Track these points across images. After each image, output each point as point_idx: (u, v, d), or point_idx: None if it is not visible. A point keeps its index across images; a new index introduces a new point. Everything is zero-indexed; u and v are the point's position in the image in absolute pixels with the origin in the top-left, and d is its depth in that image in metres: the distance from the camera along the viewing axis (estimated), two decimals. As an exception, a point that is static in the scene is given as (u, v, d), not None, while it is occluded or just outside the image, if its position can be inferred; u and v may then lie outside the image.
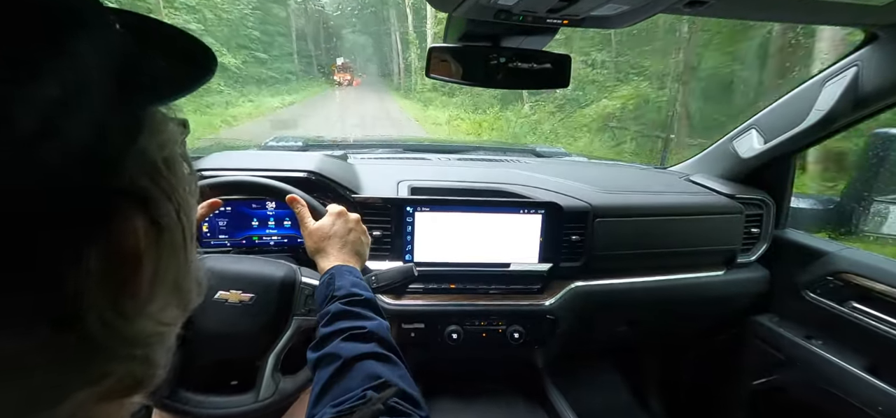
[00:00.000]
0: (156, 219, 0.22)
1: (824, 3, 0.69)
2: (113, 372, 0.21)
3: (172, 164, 0.23)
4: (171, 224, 0.23)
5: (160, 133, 0.23)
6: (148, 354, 0.23)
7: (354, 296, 0.63)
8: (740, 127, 1.24)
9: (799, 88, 1.09)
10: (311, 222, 0.77)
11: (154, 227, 0.22)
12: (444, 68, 0.82)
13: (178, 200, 0.24)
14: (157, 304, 0.23)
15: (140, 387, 0.23)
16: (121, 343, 0.21)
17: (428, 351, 1.05)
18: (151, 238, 0.22)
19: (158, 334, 0.24)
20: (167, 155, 0.23)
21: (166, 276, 0.23)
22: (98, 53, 0.18)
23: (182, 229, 0.24)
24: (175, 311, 0.25)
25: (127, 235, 0.20)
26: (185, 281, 0.26)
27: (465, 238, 1.01)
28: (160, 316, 0.23)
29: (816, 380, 1.07)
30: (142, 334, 0.22)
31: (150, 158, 0.22)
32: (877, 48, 0.91)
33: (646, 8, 0.66)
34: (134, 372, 0.22)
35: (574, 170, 1.39)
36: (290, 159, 1.07)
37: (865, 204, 1.16)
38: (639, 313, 1.23)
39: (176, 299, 0.25)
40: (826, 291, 1.08)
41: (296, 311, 0.80)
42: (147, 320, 0.22)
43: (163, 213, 0.22)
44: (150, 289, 0.22)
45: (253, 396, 0.77)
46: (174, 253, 0.24)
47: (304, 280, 0.81)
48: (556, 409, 1.03)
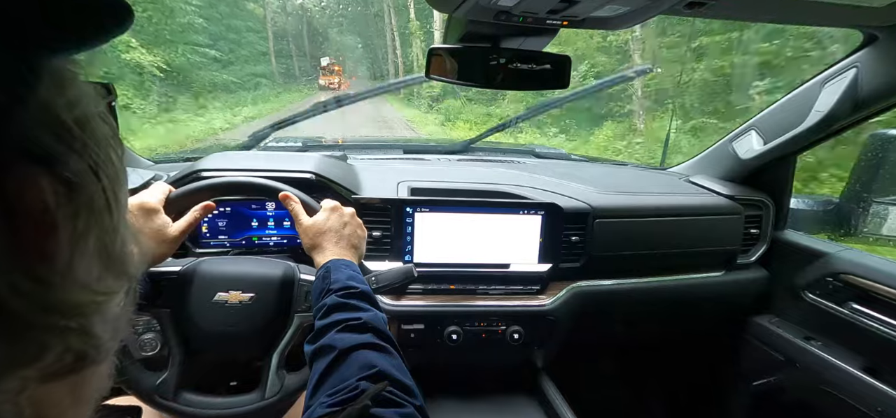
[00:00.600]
0: (65, 177, 0.20)
1: (823, 5, 0.69)
2: (48, 346, 0.20)
3: (87, 124, 0.22)
4: (87, 182, 0.22)
5: (67, 89, 0.21)
6: (84, 325, 0.22)
7: (350, 289, 0.63)
8: (740, 128, 1.25)
9: (798, 89, 1.09)
10: (306, 218, 0.77)
11: (65, 186, 0.20)
12: (443, 69, 0.82)
13: (93, 159, 0.22)
14: (84, 270, 0.22)
15: (84, 363, 0.22)
16: (47, 313, 0.20)
17: (428, 352, 1.05)
18: (63, 197, 0.20)
19: (93, 303, 0.22)
20: (79, 114, 0.21)
21: (88, 239, 0.22)
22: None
23: (103, 189, 0.23)
24: (111, 280, 0.23)
25: (31, 196, 0.19)
26: (115, 245, 0.24)
27: (464, 239, 1.01)
28: (93, 284, 0.22)
29: (815, 381, 1.07)
30: (71, 303, 0.21)
31: (54, 115, 0.20)
32: (876, 49, 0.91)
33: (646, 9, 0.66)
34: (72, 345, 0.21)
35: (574, 170, 1.39)
36: (290, 160, 1.06)
37: (865, 205, 1.16)
38: (638, 314, 1.23)
39: (108, 265, 0.23)
40: (825, 292, 1.08)
41: (296, 308, 0.80)
42: (76, 288, 0.21)
43: (74, 171, 0.21)
44: (70, 252, 0.21)
45: (259, 394, 0.77)
46: (95, 214, 0.22)
47: (303, 276, 0.81)
48: (556, 410, 1.03)
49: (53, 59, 0.21)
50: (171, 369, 0.76)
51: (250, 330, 0.78)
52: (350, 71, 33.58)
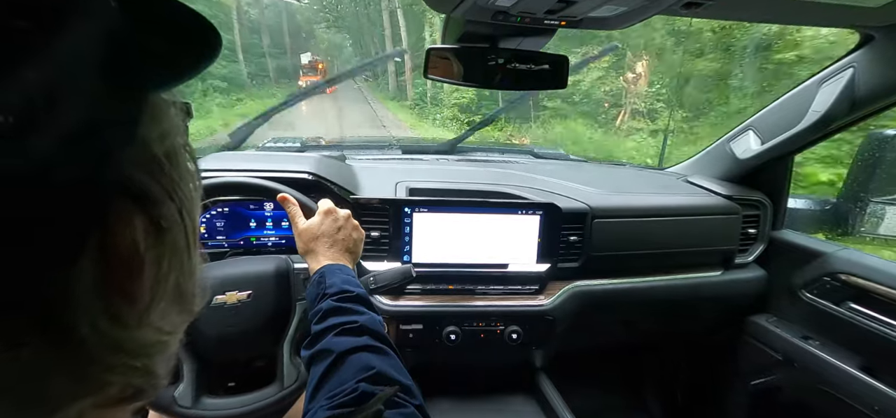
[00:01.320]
0: (156, 219, 0.20)
1: (820, 5, 0.69)
2: (110, 383, 0.19)
3: (174, 158, 0.21)
4: (174, 224, 0.21)
5: (161, 122, 0.21)
6: (148, 365, 0.21)
7: (346, 293, 0.63)
8: (737, 128, 1.25)
9: (795, 90, 1.09)
10: (302, 221, 0.76)
11: (155, 227, 0.20)
12: (442, 69, 0.82)
13: (180, 198, 0.22)
14: (160, 312, 0.21)
15: (140, 397, 0.22)
16: (118, 353, 0.19)
17: (426, 352, 1.05)
18: (152, 239, 0.20)
19: (160, 343, 0.22)
20: (169, 147, 0.21)
21: (168, 281, 0.22)
22: (91, 31, 0.16)
23: (185, 230, 0.22)
24: (177, 318, 0.23)
25: (124, 236, 0.19)
26: (188, 285, 0.24)
27: (463, 239, 1.01)
28: (161, 323, 0.22)
29: (813, 380, 1.08)
30: (141, 344, 0.21)
31: (149, 151, 0.20)
32: (872, 49, 0.92)
33: (643, 9, 0.66)
34: (133, 382, 0.21)
35: (572, 171, 1.39)
36: (288, 160, 1.06)
37: (862, 205, 1.17)
38: (636, 314, 1.24)
39: (178, 305, 0.23)
40: (823, 292, 1.09)
41: (297, 297, 0.81)
42: (147, 329, 0.21)
43: (164, 212, 0.21)
44: (151, 296, 0.21)
45: (277, 386, 0.78)
46: (177, 255, 0.22)
47: (297, 266, 0.82)
48: (554, 409, 1.03)
49: (153, 94, 0.20)
50: (187, 378, 0.76)
51: (255, 327, 0.79)
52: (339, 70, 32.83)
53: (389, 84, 18.33)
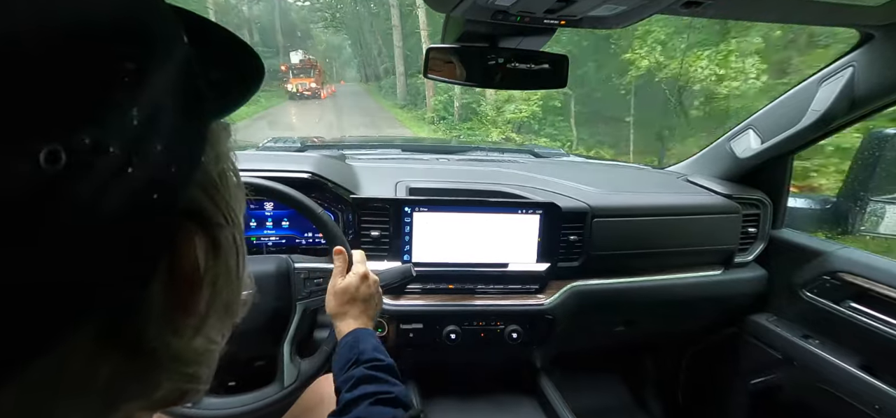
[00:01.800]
0: (215, 238, 0.22)
1: (820, 4, 0.69)
2: (163, 386, 0.21)
3: (225, 179, 0.23)
4: (228, 244, 0.23)
5: (216, 145, 0.22)
6: (197, 371, 0.23)
7: (378, 362, 0.63)
8: (738, 127, 1.25)
9: (795, 89, 1.09)
10: (341, 281, 0.76)
11: (213, 247, 0.22)
12: (441, 69, 0.82)
13: (232, 218, 0.23)
14: (212, 325, 0.23)
15: (184, 400, 0.23)
16: (174, 361, 0.21)
17: (426, 352, 1.05)
18: (210, 258, 0.21)
19: (208, 352, 0.24)
20: (221, 169, 0.22)
21: (221, 297, 0.23)
22: (171, 71, 0.18)
23: (237, 250, 0.24)
24: (224, 330, 0.25)
25: (189, 256, 0.20)
26: (236, 300, 0.25)
27: (463, 238, 1.01)
28: (211, 334, 0.23)
29: (813, 379, 1.08)
30: (194, 353, 0.22)
31: (208, 175, 0.21)
32: (872, 48, 0.92)
33: (643, 8, 0.66)
34: (181, 386, 0.22)
35: (572, 170, 1.39)
36: (288, 160, 1.06)
37: (862, 204, 1.17)
38: (636, 313, 1.24)
39: (227, 318, 0.25)
40: (823, 291, 1.09)
41: (297, 296, 0.81)
42: (200, 339, 0.22)
43: (221, 233, 0.22)
44: (207, 310, 0.22)
45: (278, 385, 0.79)
46: (228, 273, 0.23)
47: (297, 265, 0.82)
48: (554, 409, 1.03)
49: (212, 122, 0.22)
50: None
51: (255, 326, 0.79)
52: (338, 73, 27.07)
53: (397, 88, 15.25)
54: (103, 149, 0.14)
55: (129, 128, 0.15)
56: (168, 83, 0.17)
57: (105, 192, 0.15)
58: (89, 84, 0.14)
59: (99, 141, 0.14)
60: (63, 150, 0.13)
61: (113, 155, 0.15)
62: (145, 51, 0.16)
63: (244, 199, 0.26)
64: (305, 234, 1.05)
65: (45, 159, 0.13)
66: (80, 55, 0.14)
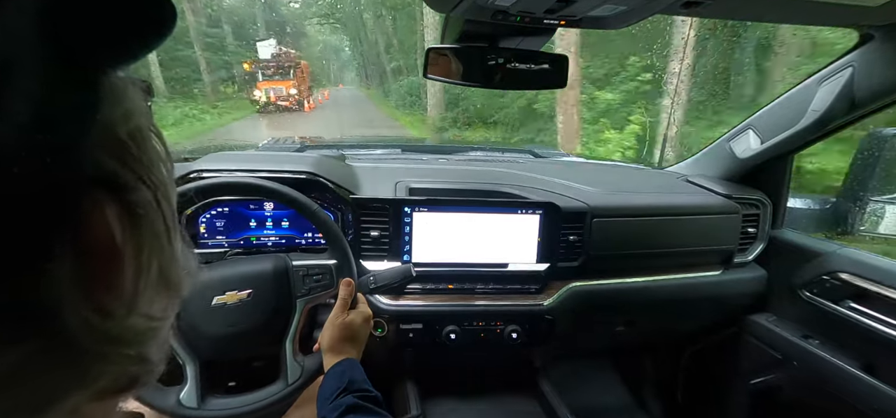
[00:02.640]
0: (130, 205, 0.19)
1: (819, 4, 0.69)
2: (106, 373, 0.20)
3: (142, 140, 0.21)
4: (150, 210, 0.21)
5: (122, 102, 0.20)
6: (141, 352, 0.21)
7: (367, 392, 0.65)
8: (737, 127, 1.25)
9: (795, 89, 1.09)
10: (344, 315, 0.77)
11: (129, 215, 0.19)
12: (441, 69, 0.82)
13: (154, 182, 0.21)
14: (146, 300, 0.21)
15: (136, 385, 0.22)
16: (110, 344, 0.19)
17: (426, 352, 1.05)
18: (128, 227, 0.19)
19: (151, 330, 0.22)
20: (133, 128, 0.20)
21: (151, 269, 0.21)
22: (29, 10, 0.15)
23: (162, 215, 0.22)
24: (165, 304, 0.23)
25: (99, 226, 0.18)
26: (173, 270, 0.23)
27: (463, 238, 1.01)
28: (150, 310, 0.22)
29: (813, 379, 1.08)
30: (132, 332, 0.20)
31: (114, 134, 0.19)
32: (871, 49, 0.92)
33: (643, 8, 0.66)
34: (129, 371, 0.21)
35: (572, 170, 1.39)
36: (288, 160, 1.06)
37: (861, 204, 1.17)
38: (636, 313, 1.24)
39: (164, 291, 0.23)
40: (822, 291, 1.09)
41: (297, 294, 0.82)
42: (136, 317, 0.20)
43: (139, 199, 0.20)
44: (135, 284, 0.20)
45: (282, 383, 0.79)
46: (157, 241, 0.22)
47: (295, 263, 0.83)
48: (554, 409, 1.03)
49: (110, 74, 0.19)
50: (191, 380, 0.77)
51: (256, 325, 0.79)
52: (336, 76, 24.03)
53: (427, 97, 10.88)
54: None
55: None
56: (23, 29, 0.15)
57: None
58: None
59: None
60: None
61: None
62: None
63: (170, 159, 0.24)
64: (305, 234, 1.05)
65: None
66: None
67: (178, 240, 0.24)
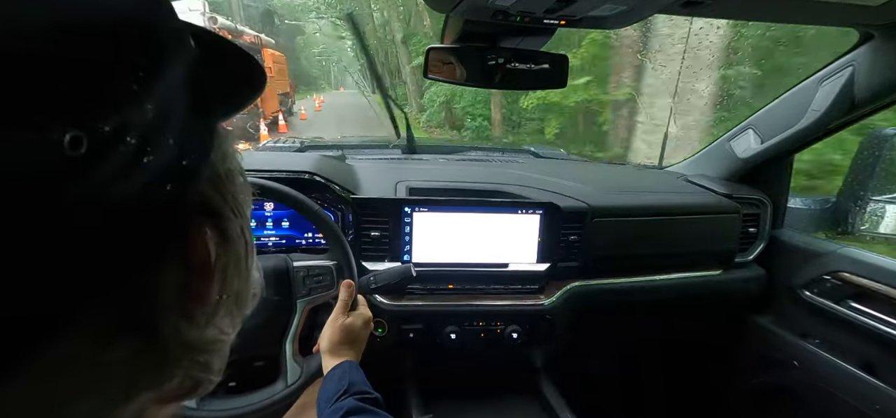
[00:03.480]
0: (224, 230, 0.23)
1: (819, 4, 0.69)
2: (177, 376, 0.22)
3: (232, 175, 0.24)
4: (235, 236, 0.24)
5: (222, 145, 0.23)
6: (208, 361, 0.24)
7: (367, 394, 0.65)
8: (737, 127, 1.25)
9: (795, 89, 1.09)
10: (344, 317, 0.77)
11: (222, 239, 0.23)
12: (441, 69, 0.82)
13: (240, 211, 0.24)
14: (223, 314, 0.24)
15: (195, 391, 0.24)
16: (187, 350, 0.22)
17: (426, 352, 1.05)
18: (221, 250, 0.23)
19: (220, 341, 0.25)
20: (228, 167, 0.24)
21: (232, 287, 0.24)
22: (180, 71, 0.19)
23: (245, 241, 0.25)
24: (236, 321, 0.26)
25: (201, 247, 0.21)
26: (245, 291, 0.27)
27: (463, 238, 1.01)
28: (223, 324, 0.24)
29: (814, 379, 1.08)
30: (206, 342, 0.23)
31: (216, 170, 0.23)
32: (872, 48, 0.92)
33: (642, 8, 0.66)
34: (194, 376, 0.23)
35: (572, 170, 1.39)
36: (288, 159, 1.06)
37: (862, 203, 1.17)
38: (636, 313, 1.23)
39: (236, 309, 0.26)
40: (823, 291, 1.09)
41: (297, 294, 0.82)
42: (213, 328, 0.23)
43: (229, 225, 0.23)
44: (218, 299, 0.23)
45: (282, 384, 0.79)
46: (238, 263, 0.25)
47: (296, 264, 0.83)
48: (554, 409, 1.03)
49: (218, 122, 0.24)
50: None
51: (257, 325, 0.79)
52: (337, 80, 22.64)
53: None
54: (121, 138, 0.16)
55: (145, 121, 0.17)
56: (178, 81, 0.19)
57: (122, 178, 0.16)
58: (110, 77, 0.16)
59: (117, 129, 0.16)
60: (85, 136, 0.14)
61: (130, 144, 0.16)
62: (158, 50, 0.18)
63: (250, 196, 0.27)
64: (305, 234, 1.05)
65: (69, 144, 0.14)
66: (100, 51, 0.16)
67: (253, 266, 0.27)
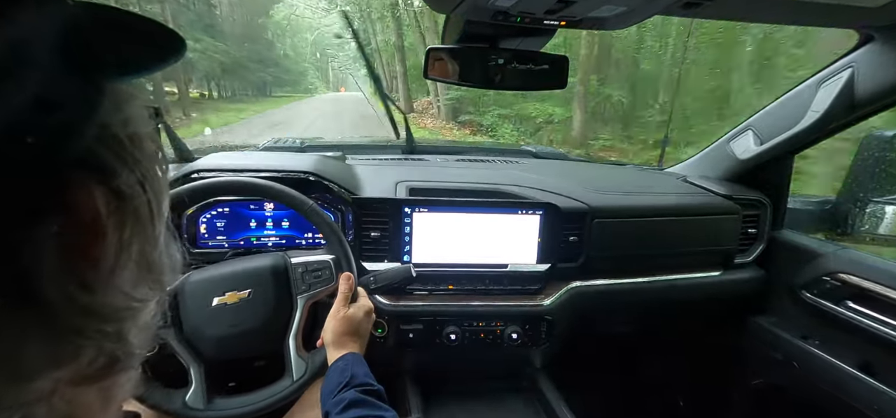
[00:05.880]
0: (117, 188, 0.22)
1: (819, 5, 0.69)
2: (83, 349, 0.21)
3: (138, 141, 0.23)
4: (135, 194, 0.23)
5: (123, 109, 0.23)
6: (119, 330, 0.23)
7: (369, 386, 0.65)
8: (737, 128, 1.25)
9: (795, 90, 1.09)
10: (346, 309, 0.77)
11: (115, 196, 0.22)
12: (442, 69, 0.82)
13: (141, 172, 0.23)
14: (126, 277, 0.23)
15: (115, 368, 0.23)
16: (87, 317, 0.21)
17: (426, 352, 1.05)
18: (112, 207, 0.22)
19: (129, 309, 0.23)
20: (132, 132, 0.23)
21: (132, 247, 0.23)
22: (45, 21, 0.18)
23: (148, 201, 0.24)
24: (146, 289, 0.25)
25: (85, 204, 0.20)
26: (155, 255, 0.25)
27: (463, 238, 1.01)
28: (131, 290, 0.23)
29: (813, 380, 1.08)
30: (110, 308, 0.22)
31: (111, 132, 0.22)
32: (872, 49, 0.92)
33: (643, 9, 0.66)
34: (106, 349, 0.22)
35: (572, 170, 1.39)
36: (289, 160, 1.06)
37: (861, 205, 1.17)
38: (636, 314, 1.24)
39: (146, 275, 0.25)
40: (822, 291, 1.09)
41: (297, 291, 0.82)
42: (115, 293, 0.22)
43: (124, 183, 0.22)
44: (115, 259, 0.22)
45: (289, 379, 0.79)
46: (139, 223, 0.24)
47: (294, 260, 0.83)
48: (554, 409, 1.03)
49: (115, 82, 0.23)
50: (196, 382, 0.77)
51: (259, 324, 0.80)
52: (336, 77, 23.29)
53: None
54: None
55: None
56: (38, 30, 0.18)
57: None
58: None
59: None
60: None
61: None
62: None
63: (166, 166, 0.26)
64: (305, 235, 1.05)
65: None
66: None
67: (163, 230, 0.26)
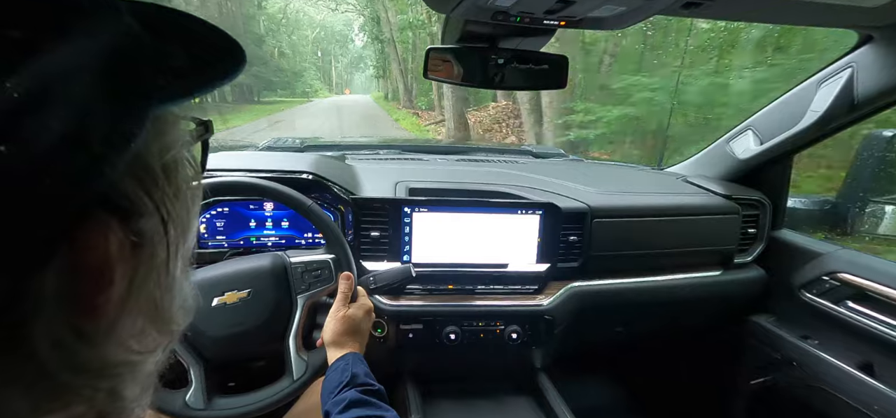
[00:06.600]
0: (136, 231, 0.19)
1: (819, 5, 0.69)
2: (72, 404, 0.18)
3: (172, 172, 0.21)
4: (155, 236, 0.20)
5: (164, 136, 0.20)
6: (115, 388, 0.20)
7: (370, 386, 0.65)
8: (737, 128, 1.25)
9: (795, 89, 1.09)
10: (345, 308, 0.77)
11: (131, 240, 0.19)
12: (442, 69, 0.82)
13: (167, 209, 0.21)
14: (128, 327, 0.20)
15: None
16: (79, 373, 0.18)
17: (426, 352, 1.05)
18: (126, 252, 0.19)
19: (128, 364, 0.20)
20: (168, 160, 0.20)
21: (140, 295, 0.20)
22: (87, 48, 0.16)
23: (168, 244, 0.21)
24: (154, 338, 0.22)
25: (95, 248, 0.18)
26: (167, 302, 0.22)
27: (462, 238, 1.01)
28: (132, 342, 0.20)
29: (813, 380, 1.08)
30: (107, 363, 0.19)
31: (144, 163, 0.19)
32: (871, 49, 0.92)
33: (642, 9, 0.66)
34: (96, 406, 0.19)
35: (572, 170, 1.39)
36: (289, 160, 1.06)
37: (861, 205, 1.17)
38: (636, 313, 1.23)
39: (155, 323, 0.22)
40: (822, 291, 1.09)
41: (297, 290, 0.82)
42: (115, 346, 0.19)
43: (145, 224, 0.20)
44: (119, 310, 0.19)
45: (289, 379, 0.79)
46: (154, 269, 0.21)
47: (293, 260, 0.83)
48: (554, 409, 1.03)
49: (161, 108, 0.20)
50: (196, 382, 0.77)
51: (258, 323, 0.79)
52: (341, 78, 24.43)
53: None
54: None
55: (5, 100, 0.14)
56: (81, 60, 0.16)
57: None
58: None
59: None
60: None
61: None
62: (41, 22, 0.15)
63: (198, 198, 0.24)
64: (305, 234, 1.05)
65: None
66: None
67: (181, 273, 0.23)
